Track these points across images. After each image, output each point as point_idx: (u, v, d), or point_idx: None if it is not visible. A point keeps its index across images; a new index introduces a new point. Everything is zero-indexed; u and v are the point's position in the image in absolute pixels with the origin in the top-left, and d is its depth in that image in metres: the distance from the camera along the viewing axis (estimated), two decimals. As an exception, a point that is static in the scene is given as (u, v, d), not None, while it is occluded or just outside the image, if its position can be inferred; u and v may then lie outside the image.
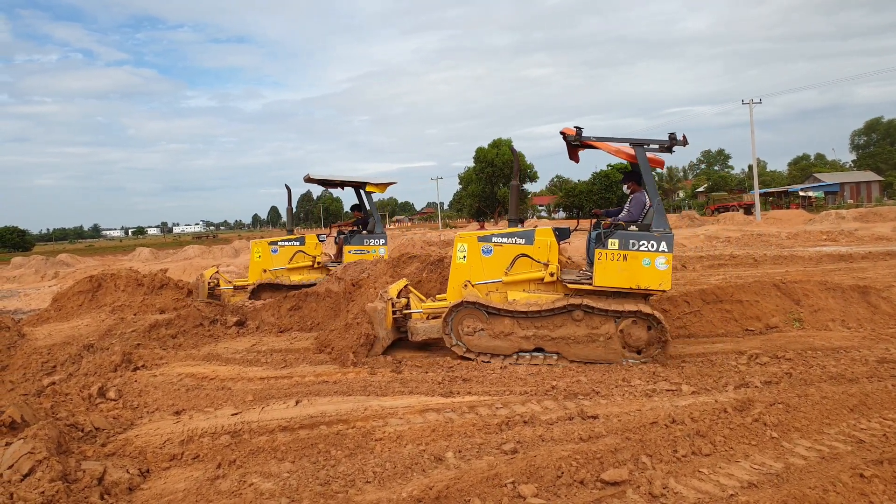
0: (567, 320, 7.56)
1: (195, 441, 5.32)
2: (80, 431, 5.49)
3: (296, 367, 7.95)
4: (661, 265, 7.34)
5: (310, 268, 12.64)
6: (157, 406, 6.50)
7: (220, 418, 5.92)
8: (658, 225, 7.46)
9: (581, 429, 5.13)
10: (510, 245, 8.06)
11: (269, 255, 12.74)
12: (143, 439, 5.43)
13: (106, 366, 7.92)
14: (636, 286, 7.41)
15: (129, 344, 8.71)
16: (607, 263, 7.46)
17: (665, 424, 5.08)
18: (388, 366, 7.70)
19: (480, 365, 7.51)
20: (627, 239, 7.43)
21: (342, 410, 5.90)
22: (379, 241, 12.41)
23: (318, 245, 12.73)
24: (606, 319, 7.48)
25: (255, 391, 6.84)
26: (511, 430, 5.25)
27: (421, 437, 5.17)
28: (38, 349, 9.68)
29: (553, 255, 7.95)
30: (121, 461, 4.88)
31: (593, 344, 7.47)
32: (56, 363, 9.18)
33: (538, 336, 7.64)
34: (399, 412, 5.81)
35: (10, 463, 4.11)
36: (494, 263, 8.11)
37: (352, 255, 12.30)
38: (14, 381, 8.82)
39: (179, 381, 7.29)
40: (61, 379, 8.21)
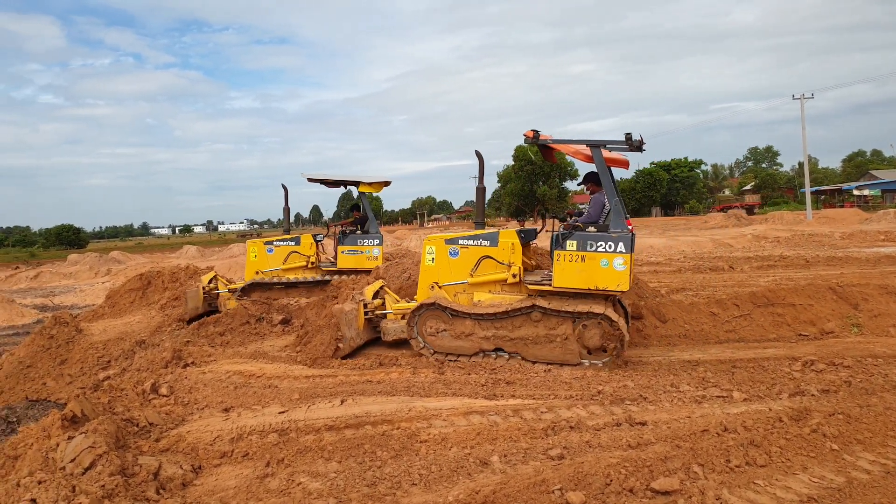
0: (526, 321, 7.66)
1: (244, 439, 5.41)
2: (136, 426, 5.64)
3: (339, 366, 8.04)
4: (619, 266, 7.32)
5: (304, 268, 12.63)
6: (206, 403, 6.64)
7: (268, 416, 6.01)
8: (616, 226, 7.43)
9: (629, 435, 5.03)
10: (475, 247, 8.20)
11: (264, 255, 12.78)
12: (194, 436, 5.55)
13: (157, 362, 8.13)
14: (594, 287, 7.41)
15: (179, 341, 8.92)
16: (566, 265, 7.49)
17: (717, 433, 4.93)
18: (430, 366, 7.72)
19: (524, 367, 7.46)
20: (585, 240, 7.44)
21: (387, 411, 5.93)
22: (373, 241, 12.36)
23: (313, 245, 12.67)
24: (563, 320, 7.54)
25: (301, 389, 6.93)
26: (557, 435, 5.19)
27: (465, 440, 5.15)
28: (94, 344, 10.01)
29: (516, 256, 8.03)
30: (174, 457, 5.00)
31: (551, 344, 7.56)
32: (111, 358, 9.50)
33: (498, 337, 7.79)
34: (443, 414, 5.80)
35: (72, 456, 4.25)
36: (461, 265, 8.27)
37: (345, 256, 12.33)
38: (72, 375, 9.15)
39: (227, 378, 7.43)
40: (115, 374, 8.49)
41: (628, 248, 7.31)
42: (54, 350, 10.09)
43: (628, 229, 7.39)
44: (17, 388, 9.00)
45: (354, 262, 12.30)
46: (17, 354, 9.85)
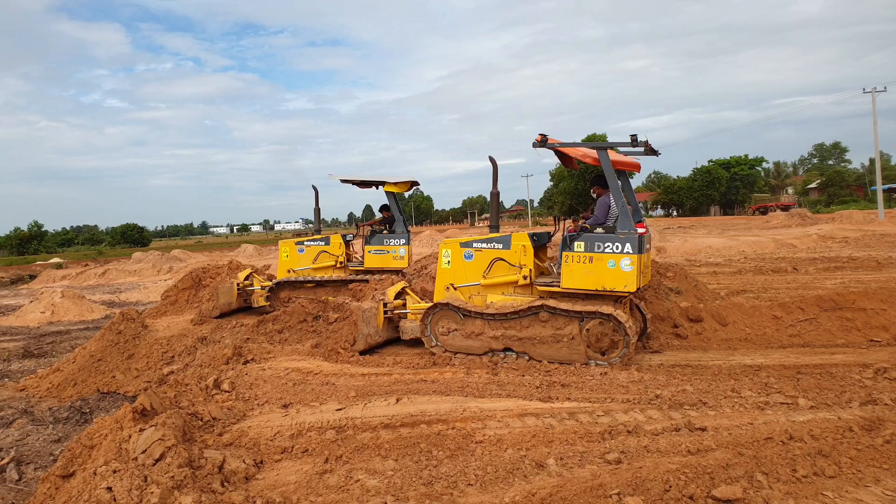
0: (534, 321, 7.82)
1: (303, 435, 5.54)
2: (200, 420, 5.84)
3: (394, 365, 8.13)
4: (626, 266, 7.41)
5: (333, 267, 12.77)
6: (266, 399, 6.82)
7: (326, 413, 6.14)
8: (622, 227, 7.52)
9: (689, 441, 4.93)
10: (489, 250, 8.43)
11: (295, 255, 12.97)
12: (255, 431, 5.71)
13: (219, 358, 8.38)
14: (602, 287, 7.53)
15: (239, 338, 9.18)
16: (574, 266, 7.65)
17: (781, 441, 4.78)
18: (483, 367, 7.74)
19: (579, 370, 7.41)
20: (593, 241, 7.57)
21: (441, 410, 5.98)
22: (399, 241, 12.36)
23: (342, 245, 12.80)
24: (570, 320, 7.66)
25: (357, 387, 7.04)
26: (614, 439, 5.14)
27: (521, 442, 5.15)
28: (159, 340, 10.38)
29: (527, 258, 8.17)
30: (237, 451, 5.16)
31: (558, 344, 7.70)
32: (174, 354, 9.83)
33: (506, 336, 7.98)
34: (497, 415, 5.81)
35: (143, 447, 4.44)
36: (475, 268, 8.51)
37: (372, 256, 12.40)
38: (139, 369, 9.52)
39: (286, 375, 7.60)
40: (179, 369, 8.78)
41: (636, 249, 7.38)
42: (122, 345, 10.50)
43: (635, 230, 7.45)
44: (88, 380, 9.41)
45: (381, 262, 12.37)
46: (89, 348, 10.29)
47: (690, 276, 11.21)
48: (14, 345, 13.62)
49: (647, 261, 8.04)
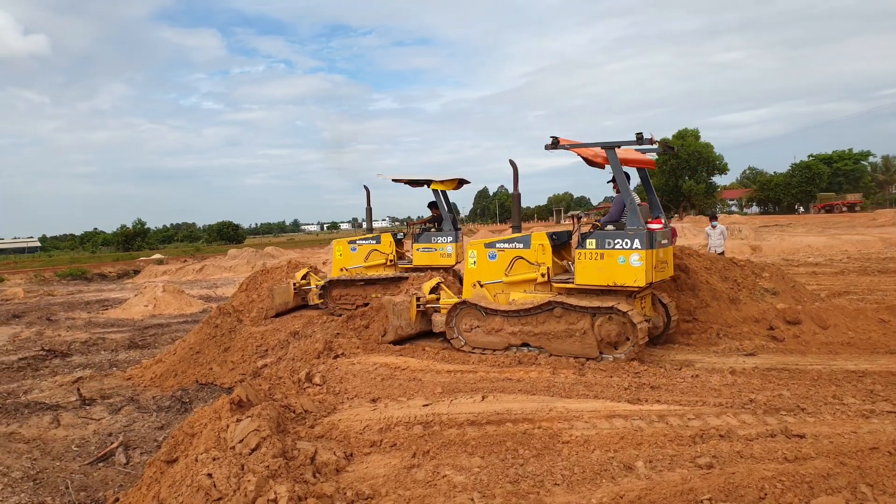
0: (549, 317, 8.16)
1: (391, 429, 5.69)
2: (293, 413, 6.10)
3: (479, 362, 8.20)
4: (636, 262, 7.63)
5: (384, 265, 12.85)
6: (355, 393, 7.03)
7: (413, 408, 6.27)
8: (632, 223, 7.75)
9: (785, 448, 4.75)
10: (510, 249, 8.83)
11: (348, 254, 13.10)
12: (345, 424, 5.90)
13: (310, 352, 8.69)
14: (613, 283, 7.78)
15: (330, 333, 9.46)
16: (586, 262, 7.93)
17: (889, 451, 4.51)
18: (570, 367, 7.69)
19: (670, 372, 7.24)
20: (604, 238, 7.83)
21: (527, 409, 5.99)
22: (447, 239, 12.30)
23: (392, 243, 12.83)
24: (582, 315, 7.94)
25: (444, 384, 7.15)
26: (706, 443, 5.00)
27: (609, 444, 5.10)
28: (253, 334, 10.84)
29: (546, 257, 8.51)
30: (328, 443, 5.36)
31: (571, 339, 7.99)
32: (268, 347, 10.25)
33: (524, 332, 8.36)
34: (584, 416, 5.77)
35: (240, 437, 4.68)
36: (498, 267, 8.92)
37: (420, 254, 12.40)
38: (234, 362, 9.99)
39: (374, 370, 7.80)
40: (272, 362, 9.16)
41: (645, 245, 7.59)
42: (219, 338, 11.04)
43: (644, 226, 7.65)
44: (188, 371, 9.97)
45: (428, 260, 12.39)
46: (188, 341, 10.89)
47: (788, 277, 10.71)
48: (121, 336, 14.58)
49: (663, 255, 8.18)
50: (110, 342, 13.84)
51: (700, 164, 71.25)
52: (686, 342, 8.80)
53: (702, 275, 9.90)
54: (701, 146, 71.60)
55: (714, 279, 9.86)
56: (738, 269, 10.44)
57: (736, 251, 22.96)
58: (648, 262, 7.62)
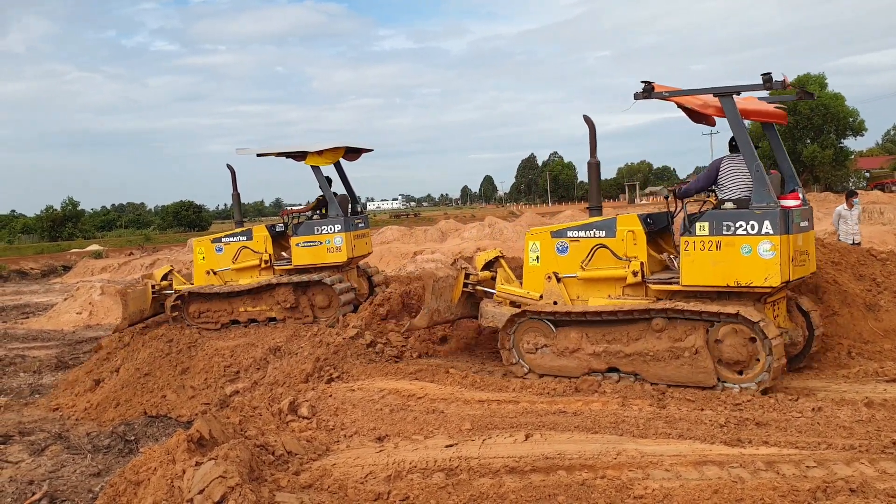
0: (646, 331, 7.97)
1: (403, 478, 5.71)
2: (271, 455, 6.15)
3: (522, 390, 8.20)
4: (766, 252, 7.34)
5: (257, 267, 12.79)
6: (355, 429, 7.08)
7: (432, 450, 6.29)
8: (759, 199, 7.46)
9: (941, 508, 4.71)
10: (587, 239, 8.63)
11: (213, 255, 13.09)
12: (341, 470, 5.95)
13: (296, 375, 8.78)
14: (734, 283, 7.50)
15: (323, 348, 9.53)
16: (696, 255, 7.67)
17: None
18: (646, 397, 7.65)
19: (782, 404, 7.17)
20: (720, 221, 7.57)
21: (587, 452, 5.98)
22: (333, 228, 12.19)
23: (267, 239, 12.76)
24: (692, 328, 7.70)
25: (473, 417, 7.18)
26: (830, 500, 4.96)
27: (697, 500, 5.08)
28: (220, 350, 10.99)
29: (638, 249, 8.28)
30: (318, 496, 5.39)
31: (677, 361, 7.74)
32: (239, 368, 10.38)
33: (610, 352, 8.16)
34: (665, 462, 5.75)
35: (200, 487, 4.73)
36: (571, 263, 8.74)
37: (300, 250, 12.33)
38: (195, 387, 10.13)
39: (381, 398, 7.86)
40: (246, 388, 9.27)
41: (778, 229, 7.32)
42: (174, 356, 11.20)
43: (777, 203, 7.43)
44: (133, 400, 10.13)
45: (312, 257, 12.33)
46: (135, 360, 11.07)
47: (948, 275, 10.53)
48: (46, 353, 14.86)
49: (803, 244, 7.92)
50: (32, 361, 14.11)
51: (826, 123, 70.32)
52: (806, 364, 8.72)
53: (828, 272, 9.79)
54: (828, 97, 70.62)
55: (845, 278, 9.76)
56: (878, 264, 10.30)
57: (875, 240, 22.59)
58: (784, 252, 7.35)
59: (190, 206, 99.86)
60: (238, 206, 14.63)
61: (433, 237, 38.50)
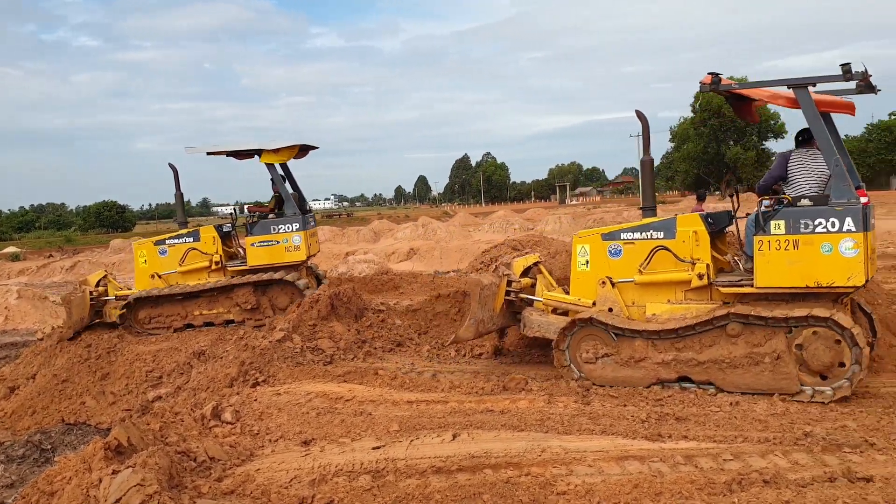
0: (720, 337, 7.63)
1: (328, 481, 5.68)
2: (193, 461, 6.06)
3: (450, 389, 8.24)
4: (848, 251, 7.08)
5: (207, 269, 12.68)
6: (281, 433, 7.02)
7: (359, 452, 6.28)
8: (839, 194, 7.18)
9: (847, 496, 4.90)
10: (644, 241, 8.25)
11: (156, 259, 12.87)
12: (265, 475, 5.89)
13: (220, 379, 8.66)
14: (815, 283, 7.22)
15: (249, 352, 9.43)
16: (772, 255, 7.36)
17: (981, 498, 4.71)
18: (571, 394, 7.76)
19: (701, 400, 7.36)
20: (797, 219, 7.27)
21: (512, 450, 6.05)
22: (291, 227, 12.24)
23: (216, 239, 12.69)
24: (772, 332, 7.40)
25: (402, 419, 7.19)
26: (745, 491, 5.11)
27: (619, 495, 5.18)
28: (141, 355, 10.79)
29: (702, 250, 7.96)
30: (241, 502, 5.34)
31: (757, 367, 7.40)
32: (162, 373, 10.21)
33: (681, 360, 7.78)
34: (588, 458, 5.86)
35: (117, 496, 4.65)
36: (626, 266, 8.33)
37: (256, 250, 12.29)
38: (116, 393, 9.92)
39: (308, 401, 7.82)
40: (168, 393, 9.12)
41: (860, 226, 7.05)
42: (94, 362, 10.95)
43: (858, 199, 7.14)
44: (50, 407, 9.88)
45: (269, 257, 12.30)
46: (52, 366, 10.79)
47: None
48: (-41, 360, 14.33)
49: (873, 242, 7.68)
50: (-57, 369, 13.61)
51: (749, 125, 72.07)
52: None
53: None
54: (751, 100, 72.42)
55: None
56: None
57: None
58: (865, 250, 7.07)
59: (113, 207, 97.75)
60: (181, 207, 14.36)
61: (366, 237, 38.42)
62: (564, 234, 29.82)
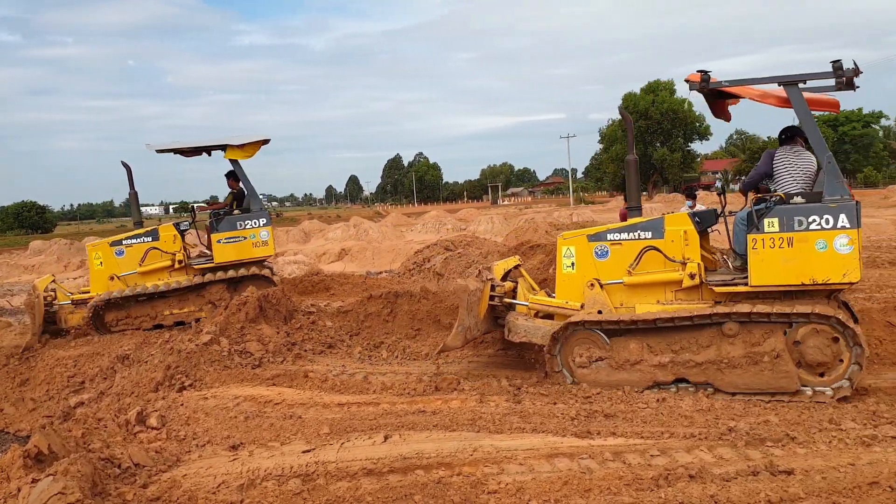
0: (716, 337, 7.54)
1: (257, 486, 5.62)
2: (117, 468, 5.93)
3: (382, 391, 8.23)
4: (843, 247, 7.10)
5: (169, 268, 12.67)
6: (208, 438, 6.91)
7: (288, 456, 6.23)
8: (832, 192, 7.22)
9: (769, 488, 5.04)
10: (631, 241, 8.17)
11: (113, 260, 12.71)
12: (192, 480, 5.80)
13: (145, 384, 8.48)
14: (810, 280, 7.24)
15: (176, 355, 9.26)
16: (766, 253, 7.34)
17: (891, 486, 4.91)
18: (502, 393, 7.81)
19: (629, 397, 7.47)
20: (791, 216, 7.27)
21: (444, 451, 6.07)
22: (258, 222, 12.45)
23: (178, 238, 12.70)
24: (770, 330, 7.36)
25: (333, 421, 7.15)
26: (672, 486, 5.22)
27: (548, 492, 5.24)
28: (62, 360, 10.50)
29: (692, 250, 7.93)
30: (167, 508, 5.24)
31: (756, 367, 7.32)
32: (84, 378, 9.95)
33: (678, 362, 7.65)
34: (519, 456, 5.91)
35: (38, 504, 4.52)
36: (614, 267, 8.23)
37: (223, 246, 12.37)
38: (36, 399, 9.63)
39: (236, 405, 7.71)
40: (91, 398, 8.88)
41: (854, 222, 7.11)
42: (12, 367, 10.62)
43: (850, 195, 7.23)
44: (-34, 414, 9.53)
45: (237, 253, 12.40)
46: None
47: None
48: None
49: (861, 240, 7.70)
50: None
51: (675, 127, 73.71)
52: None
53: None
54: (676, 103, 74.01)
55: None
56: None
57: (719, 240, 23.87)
58: (859, 246, 7.15)
59: (32, 207, 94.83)
60: (136, 206, 14.10)
61: (296, 238, 38.08)
62: (496, 235, 30.08)
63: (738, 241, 7.90)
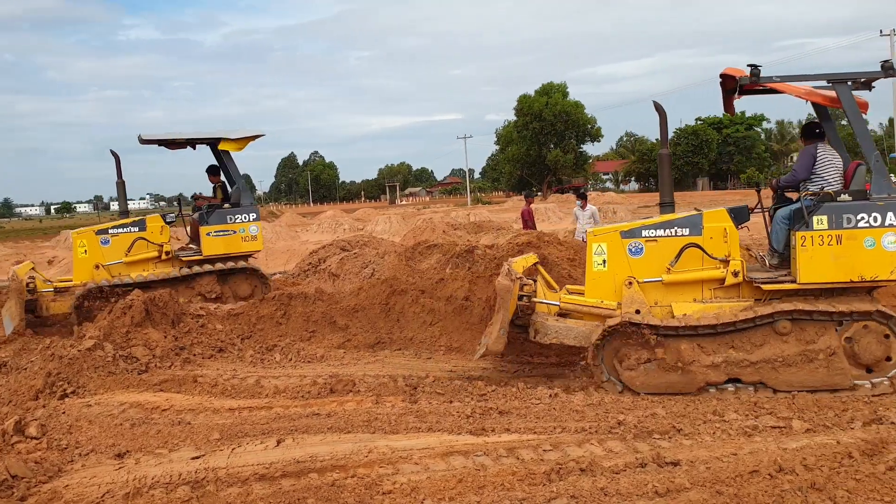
0: (769, 336, 7.49)
1: (144, 494, 5.46)
2: (-7, 480, 5.67)
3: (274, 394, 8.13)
4: (891, 245, 7.25)
5: (156, 259, 12.76)
6: (92, 446, 6.67)
7: (177, 463, 6.08)
8: (880, 189, 7.39)
9: (657, 479, 5.19)
10: (668, 238, 7.97)
11: (98, 248, 12.65)
12: (74, 491, 5.59)
13: (23, 392, 8.17)
14: (859, 277, 7.33)
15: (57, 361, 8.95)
16: (814, 250, 7.35)
17: (769, 474, 5.13)
18: (398, 393, 7.82)
19: (521, 393, 7.59)
20: (840, 214, 7.33)
21: (338, 453, 6.03)
22: (248, 216, 12.62)
23: (165, 229, 12.82)
24: (823, 328, 7.41)
25: (223, 427, 7.00)
26: (563, 480, 5.32)
27: (443, 490, 5.27)
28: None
29: (733, 247, 7.84)
30: (47, 520, 5.04)
31: (811, 364, 7.34)
32: (-42, 387, 9.47)
33: (731, 362, 7.50)
34: (414, 456, 5.93)
35: None
36: (649, 265, 8.00)
37: (212, 240, 12.48)
38: None
39: (121, 412, 7.49)
40: (-34, 409, 8.48)
41: None
42: None
43: None
44: None
45: (225, 247, 12.50)
46: None
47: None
48: None
49: None
50: None
51: (568, 129, 75.19)
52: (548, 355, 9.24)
53: (564, 267, 10.44)
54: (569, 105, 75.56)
55: (579, 273, 10.37)
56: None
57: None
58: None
59: None
60: (123, 195, 13.90)
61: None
62: (394, 235, 30.06)
63: (777, 238, 7.97)
